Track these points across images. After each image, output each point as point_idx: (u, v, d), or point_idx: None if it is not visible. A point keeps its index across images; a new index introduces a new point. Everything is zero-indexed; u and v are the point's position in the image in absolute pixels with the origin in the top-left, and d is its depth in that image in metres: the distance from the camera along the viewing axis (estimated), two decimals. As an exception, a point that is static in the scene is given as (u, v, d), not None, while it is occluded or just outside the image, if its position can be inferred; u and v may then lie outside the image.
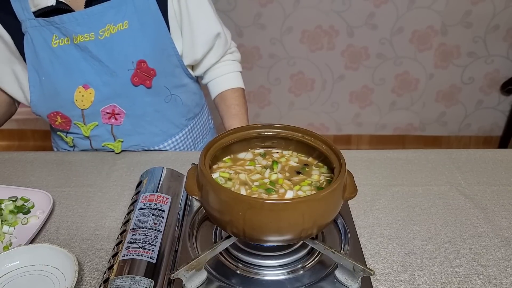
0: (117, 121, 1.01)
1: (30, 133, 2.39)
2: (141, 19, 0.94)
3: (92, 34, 0.91)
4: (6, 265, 0.69)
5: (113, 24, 0.92)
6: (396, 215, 0.82)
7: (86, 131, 1.02)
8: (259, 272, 0.67)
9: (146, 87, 0.98)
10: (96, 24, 0.91)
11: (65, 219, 0.82)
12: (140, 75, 0.96)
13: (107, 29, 0.92)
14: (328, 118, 2.44)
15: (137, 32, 0.94)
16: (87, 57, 0.93)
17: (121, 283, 0.61)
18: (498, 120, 2.43)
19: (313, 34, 2.17)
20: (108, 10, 0.91)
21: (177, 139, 1.11)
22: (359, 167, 0.96)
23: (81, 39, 0.91)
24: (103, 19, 0.91)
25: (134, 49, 0.95)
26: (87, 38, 0.91)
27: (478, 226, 0.80)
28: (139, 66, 0.95)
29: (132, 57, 0.94)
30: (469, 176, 0.93)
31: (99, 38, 0.92)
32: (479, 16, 2.10)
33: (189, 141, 1.15)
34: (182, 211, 0.79)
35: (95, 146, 1.05)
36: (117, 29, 0.92)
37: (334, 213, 0.63)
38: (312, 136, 0.71)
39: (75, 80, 0.94)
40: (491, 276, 0.70)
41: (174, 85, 1.05)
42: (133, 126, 1.03)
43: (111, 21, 0.92)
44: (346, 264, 0.64)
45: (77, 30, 0.91)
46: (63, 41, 0.92)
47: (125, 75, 0.95)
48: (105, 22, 0.92)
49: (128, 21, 0.93)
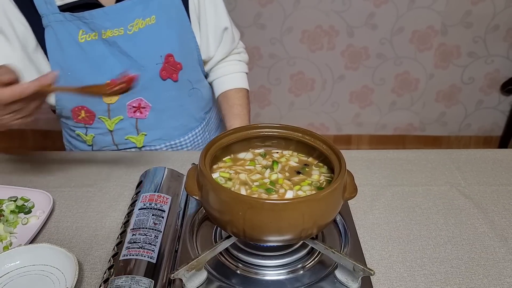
0: (142, 114, 1.02)
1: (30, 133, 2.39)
2: (167, 14, 0.96)
3: (121, 29, 0.92)
4: (6, 265, 0.69)
5: (142, 19, 0.94)
6: (396, 215, 0.82)
7: (111, 125, 1.02)
8: (259, 272, 0.67)
9: (173, 81, 1.00)
10: (125, 19, 0.92)
11: (65, 219, 0.82)
12: (168, 68, 0.98)
13: (136, 24, 0.93)
14: (328, 118, 2.44)
15: (164, 26, 0.96)
16: (115, 52, 0.94)
17: (121, 283, 0.61)
18: (498, 120, 2.43)
19: (313, 34, 2.17)
20: (136, 5, 0.93)
21: (196, 132, 1.12)
22: (359, 167, 0.96)
23: (110, 34, 0.92)
24: (132, 14, 0.93)
25: (162, 43, 0.96)
26: (116, 33, 0.92)
27: (478, 226, 0.80)
28: (167, 60, 0.97)
29: (160, 51, 0.96)
30: (469, 176, 0.93)
31: (128, 33, 0.93)
32: (479, 16, 2.10)
33: (206, 134, 1.16)
34: (182, 211, 0.79)
35: (117, 140, 1.05)
36: (145, 24, 0.94)
37: (334, 213, 0.63)
38: (312, 136, 0.71)
39: (102, 75, 0.94)
40: (491, 276, 0.70)
41: (196, 79, 1.07)
42: (156, 120, 1.04)
43: (139, 16, 0.93)
44: (346, 264, 0.64)
45: (106, 25, 0.91)
46: (90, 36, 0.92)
47: (154, 69, 0.96)
48: (133, 17, 0.93)
49: (156, 16, 0.94)
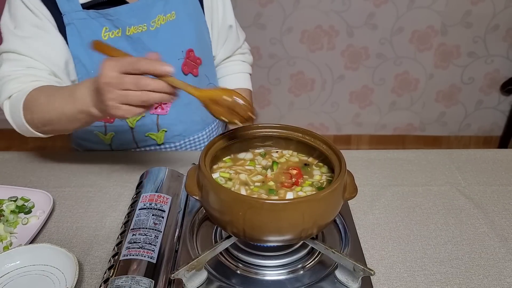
0: (164, 110, 1.02)
1: (30, 133, 2.39)
2: (185, 9, 0.97)
3: (144, 25, 0.93)
4: (7, 265, 0.69)
5: (163, 14, 0.95)
6: (396, 215, 0.82)
7: (132, 122, 1.02)
8: (259, 272, 0.67)
9: (194, 76, 1.01)
10: (148, 15, 0.93)
11: (66, 219, 0.82)
12: (189, 63, 0.99)
13: (158, 20, 0.94)
14: (328, 118, 2.44)
15: (183, 22, 0.97)
16: (138, 48, 0.94)
17: (121, 283, 0.61)
18: (498, 120, 2.43)
19: (313, 34, 2.17)
20: (158, 1, 0.94)
21: (212, 127, 1.13)
22: (359, 167, 0.96)
23: (134, 30, 0.93)
24: (154, 10, 0.94)
25: (183, 38, 0.98)
26: (140, 30, 0.93)
27: (478, 226, 0.80)
28: (188, 55, 0.98)
29: (182, 46, 0.98)
30: (469, 176, 0.93)
31: (150, 29, 0.94)
32: (479, 16, 2.10)
33: (219, 129, 1.17)
34: (182, 211, 0.79)
35: (137, 137, 1.05)
36: (166, 19, 0.95)
37: (334, 213, 0.63)
38: (312, 136, 0.71)
39: None
40: (491, 276, 0.70)
41: (212, 74, 1.08)
42: (177, 115, 1.04)
43: (161, 12, 0.94)
44: (346, 264, 0.64)
45: (131, 22, 0.92)
46: (113, 33, 0.93)
47: (176, 64, 0.97)
48: (156, 13, 0.94)
49: (175, 12, 0.96)
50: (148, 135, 1.05)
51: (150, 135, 1.04)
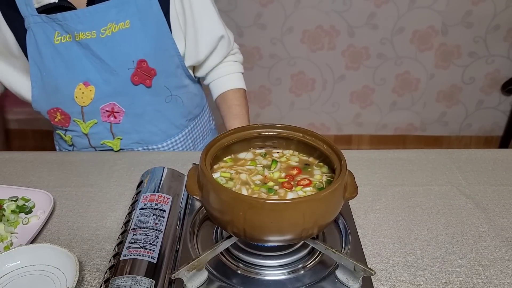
0: (116, 119, 1.01)
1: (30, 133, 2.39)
2: (142, 19, 0.94)
3: (93, 32, 0.92)
4: (7, 265, 0.69)
5: (115, 23, 0.93)
6: (397, 215, 0.82)
7: (85, 128, 1.02)
8: (260, 272, 0.67)
9: (146, 87, 0.98)
10: (98, 22, 0.92)
11: (66, 219, 0.82)
12: (140, 74, 0.96)
13: (109, 27, 0.92)
14: (329, 118, 2.44)
15: (138, 31, 0.94)
16: (88, 55, 0.94)
17: (122, 283, 0.61)
18: (498, 120, 2.43)
19: (313, 34, 2.17)
20: (110, 9, 0.92)
21: (176, 139, 1.11)
22: (360, 167, 0.96)
23: (83, 36, 0.92)
24: (105, 17, 0.92)
25: (135, 48, 0.95)
26: (89, 36, 0.92)
27: (479, 226, 0.80)
28: (140, 65, 0.95)
29: (133, 56, 0.95)
30: (469, 176, 0.93)
31: (100, 36, 0.93)
32: (480, 16, 2.10)
33: (188, 141, 1.15)
34: (183, 211, 0.79)
35: (93, 144, 1.06)
36: (118, 28, 0.93)
37: (334, 213, 0.63)
38: (313, 136, 0.71)
39: (76, 76, 0.95)
40: (491, 276, 0.70)
41: (175, 85, 1.05)
42: (132, 125, 1.04)
43: (113, 20, 0.93)
44: (347, 264, 0.64)
45: (78, 28, 0.91)
46: (65, 38, 0.93)
47: (126, 73, 0.95)
48: (107, 21, 0.92)
49: (130, 21, 0.94)
50: (103, 143, 1.05)
51: (106, 142, 1.05)
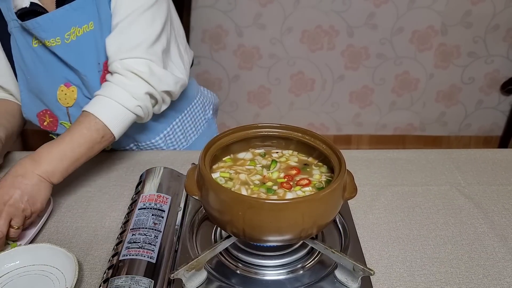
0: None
1: (30, 133, 2.39)
2: (101, 18, 0.90)
3: (58, 39, 0.88)
4: (6, 265, 0.69)
5: (78, 26, 0.89)
6: (396, 215, 0.82)
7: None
8: (259, 272, 0.67)
9: None
10: (60, 28, 0.88)
11: (65, 219, 0.82)
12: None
13: (73, 32, 0.89)
14: (328, 118, 2.44)
15: (102, 32, 0.90)
16: (60, 61, 0.92)
17: (121, 283, 0.61)
18: (498, 120, 2.43)
19: (313, 34, 2.17)
20: (71, 13, 0.88)
21: (164, 134, 1.08)
22: (359, 167, 0.96)
23: (49, 44, 0.89)
24: (67, 22, 0.88)
25: (99, 50, 0.91)
26: (53, 43, 0.89)
27: (478, 226, 0.80)
28: (106, 67, 0.91)
29: (98, 58, 0.91)
30: (469, 176, 0.93)
31: (65, 42, 0.89)
32: (479, 16, 2.10)
33: (178, 134, 1.11)
34: (182, 211, 0.79)
35: None
36: (82, 31, 0.89)
37: (334, 213, 0.63)
38: (312, 136, 0.71)
39: (56, 79, 0.94)
40: (490, 275, 0.70)
41: None
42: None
43: (75, 23, 0.89)
44: (346, 264, 0.64)
45: (43, 36, 0.88)
46: (39, 42, 0.92)
47: (95, 77, 0.92)
48: (70, 25, 0.88)
49: (93, 22, 0.90)
50: None
51: None
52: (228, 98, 2.36)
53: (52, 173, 0.78)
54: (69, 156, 0.79)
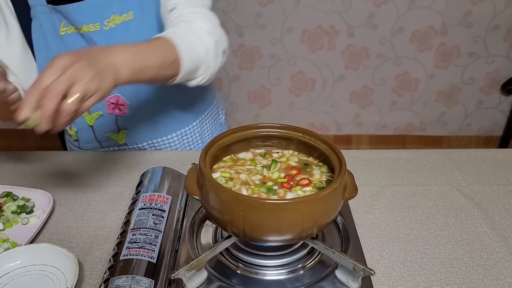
0: (121, 111, 1.01)
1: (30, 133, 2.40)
2: (144, 9, 0.94)
3: (97, 25, 0.91)
4: (7, 265, 0.69)
5: (119, 14, 0.92)
6: (396, 215, 0.82)
7: (91, 120, 1.02)
8: (260, 272, 0.67)
9: None
10: (101, 14, 0.91)
11: (66, 219, 0.82)
12: None
13: (112, 19, 0.92)
14: (329, 118, 2.44)
15: (140, 22, 0.94)
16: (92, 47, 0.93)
17: (121, 283, 0.61)
18: (498, 120, 2.43)
19: (313, 34, 2.17)
20: (113, 1, 0.91)
21: (182, 132, 1.10)
22: (359, 167, 0.96)
23: (86, 29, 0.91)
24: (108, 9, 0.91)
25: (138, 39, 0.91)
26: (92, 29, 0.91)
27: (479, 226, 0.80)
28: None
29: None
30: (469, 176, 0.93)
31: (104, 28, 0.92)
32: (479, 16, 2.10)
33: (196, 135, 1.13)
34: (182, 211, 0.79)
35: (99, 137, 1.05)
36: (122, 19, 0.92)
37: (334, 213, 0.63)
38: (313, 136, 0.71)
39: None
40: (491, 275, 0.70)
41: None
42: (137, 118, 1.03)
43: (116, 11, 0.92)
44: (347, 264, 0.64)
45: (81, 20, 0.91)
46: (70, 29, 0.92)
47: None
48: (110, 13, 0.92)
49: (133, 12, 0.93)
50: (109, 136, 1.04)
51: (111, 135, 1.04)
52: (229, 98, 2.36)
53: (122, 66, 0.68)
54: (141, 58, 0.71)
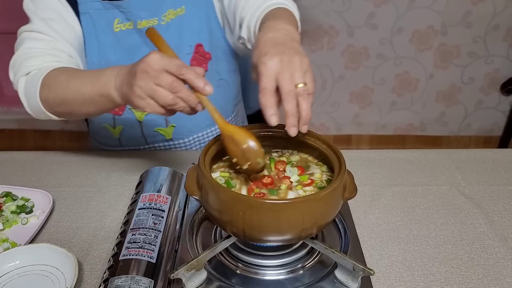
0: None
1: (30, 133, 2.39)
2: (195, 4, 0.96)
3: (155, 19, 0.94)
4: (6, 265, 0.69)
5: (173, 9, 0.94)
6: (396, 215, 0.82)
7: (141, 115, 1.02)
8: (259, 272, 0.67)
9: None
10: (159, 9, 0.94)
11: (65, 219, 0.82)
12: (198, 58, 0.98)
13: (168, 14, 0.94)
14: (328, 118, 2.44)
15: (193, 16, 0.97)
16: (149, 42, 0.93)
17: (121, 283, 0.61)
18: (498, 120, 2.43)
19: (313, 34, 2.17)
20: None
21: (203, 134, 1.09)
22: (359, 167, 0.96)
23: (145, 24, 0.93)
24: (164, 4, 0.94)
25: (192, 33, 0.97)
26: (151, 23, 0.93)
27: (478, 226, 0.80)
28: (197, 49, 0.98)
29: (191, 41, 0.97)
30: (469, 176, 0.93)
31: (161, 23, 0.94)
32: (479, 16, 2.10)
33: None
34: (182, 211, 0.79)
35: (146, 132, 1.05)
36: (176, 14, 0.95)
37: (334, 213, 0.63)
38: (312, 136, 0.71)
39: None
40: (490, 275, 0.70)
41: (224, 69, 1.06)
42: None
43: (171, 6, 0.94)
44: (346, 264, 0.64)
45: (142, 15, 0.92)
46: (125, 25, 0.93)
47: (184, 59, 0.95)
48: (166, 8, 0.94)
49: (185, 6, 0.95)
50: (156, 130, 1.04)
51: (159, 130, 1.04)
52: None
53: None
54: None
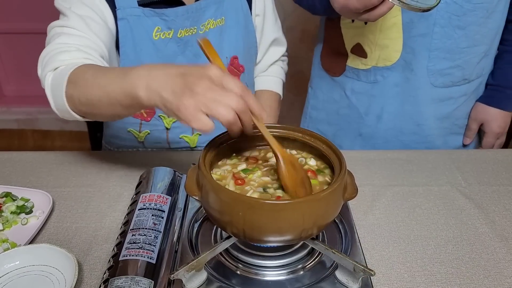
0: None
1: (30, 133, 2.39)
2: (235, 17, 0.99)
3: (194, 28, 0.94)
4: (6, 266, 0.69)
5: (214, 19, 0.95)
6: (396, 215, 0.82)
7: (169, 123, 1.02)
8: (259, 273, 0.67)
9: None
10: (200, 18, 0.94)
11: (65, 219, 0.82)
12: (232, 70, 0.99)
13: (207, 24, 0.95)
14: (328, 118, 2.44)
15: (231, 28, 0.98)
16: (186, 52, 0.94)
17: (120, 283, 0.61)
18: (498, 120, 2.42)
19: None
20: (211, 6, 0.95)
21: None
22: (359, 167, 0.96)
23: (185, 33, 0.93)
24: (205, 14, 0.95)
25: (229, 44, 0.98)
26: (190, 32, 0.94)
27: (479, 226, 0.80)
28: (232, 61, 0.99)
29: (227, 52, 0.98)
30: (469, 176, 0.93)
31: (200, 32, 0.95)
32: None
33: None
34: (182, 211, 0.79)
35: (171, 138, 1.05)
36: (216, 24, 0.96)
37: (334, 213, 0.63)
38: (313, 136, 0.71)
39: None
40: (491, 276, 0.69)
41: (251, 83, 1.08)
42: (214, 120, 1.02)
43: (212, 16, 0.95)
44: (347, 264, 0.64)
45: (185, 24, 0.93)
46: (165, 34, 0.92)
47: None
48: (206, 17, 0.95)
49: (225, 17, 0.96)
50: (182, 137, 1.04)
51: (184, 137, 1.04)
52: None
53: None
54: None
